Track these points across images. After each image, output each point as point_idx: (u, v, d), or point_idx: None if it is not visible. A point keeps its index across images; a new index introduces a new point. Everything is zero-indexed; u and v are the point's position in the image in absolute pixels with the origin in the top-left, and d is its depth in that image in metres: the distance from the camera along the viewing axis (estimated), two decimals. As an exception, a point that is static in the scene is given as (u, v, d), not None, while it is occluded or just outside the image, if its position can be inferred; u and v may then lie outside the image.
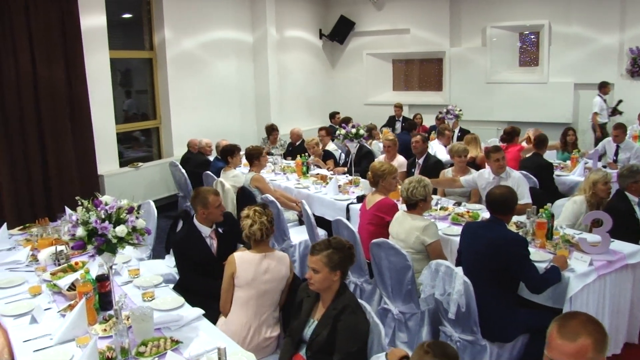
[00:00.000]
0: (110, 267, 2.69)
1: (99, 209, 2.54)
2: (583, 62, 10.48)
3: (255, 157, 6.06)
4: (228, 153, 6.45)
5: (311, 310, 2.94)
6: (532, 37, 11.11)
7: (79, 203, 2.64)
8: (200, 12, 9.07)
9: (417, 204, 4.13)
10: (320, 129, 8.54)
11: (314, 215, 5.23)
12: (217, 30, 9.50)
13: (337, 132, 6.44)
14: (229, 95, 9.94)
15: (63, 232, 4.39)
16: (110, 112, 7.51)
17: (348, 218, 5.54)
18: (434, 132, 9.67)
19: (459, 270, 3.39)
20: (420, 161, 6.36)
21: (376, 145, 8.79)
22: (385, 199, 4.65)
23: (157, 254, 5.32)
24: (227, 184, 6.19)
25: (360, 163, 6.91)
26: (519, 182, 5.23)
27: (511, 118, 11.25)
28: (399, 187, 5.17)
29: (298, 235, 5.63)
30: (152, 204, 5.29)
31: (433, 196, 5.44)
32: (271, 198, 5.51)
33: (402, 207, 4.77)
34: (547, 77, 10.87)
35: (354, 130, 6.19)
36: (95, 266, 3.29)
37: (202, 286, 3.70)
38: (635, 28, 10.04)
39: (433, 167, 6.13)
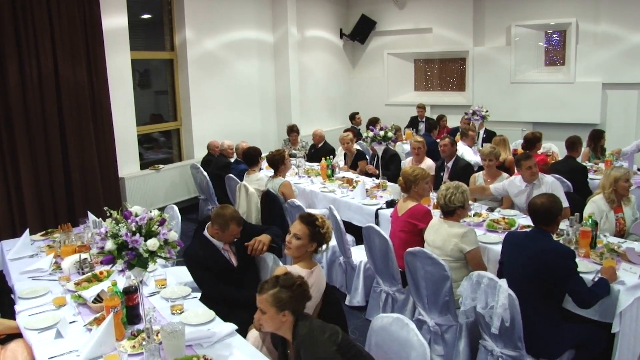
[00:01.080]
0: (141, 282, 2.55)
1: (129, 220, 2.39)
2: (611, 61, 10.18)
3: (279, 162, 5.88)
4: (259, 155, 6.33)
5: (286, 355, 2.71)
6: (558, 36, 10.83)
7: (108, 214, 2.49)
8: (221, 12, 8.94)
9: (454, 211, 3.94)
10: (347, 130, 8.36)
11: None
12: (238, 30, 9.36)
13: (365, 134, 6.25)
14: (249, 96, 9.81)
15: (86, 238, 4.28)
16: (131, 114, 7.40)
17: (377, 223, 5.36)
18: (458, 133, 9.46)
19: (503, 282, 3.21)
20: (449, 164, 6.17)
21: (399, 147, 8.60)
22: (418, 205, 4.47)
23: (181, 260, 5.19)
24: (251, 188, 6.05)
25: (388, 167, 6.74)
26: (553, 187, 5.05)
27: (536, 119, 11.04)
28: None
29: (325, 241, 5.46)
30: (176, 208, 5.18)
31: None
32: (297, 203, 5.36)
33: (434, 212, 4.61)
34: (573, 77, 10.58)
35: (382, 133, 6.01)
36: (122, 277, 3.14)
37: (227, 295, 3.55)
38: (667, 26, 9.75)
39: (463, 170, 5.93)
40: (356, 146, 8.29)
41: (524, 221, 4.72)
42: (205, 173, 7.38)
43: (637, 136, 10.13)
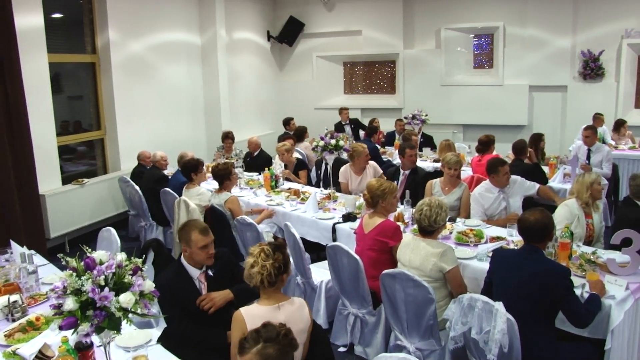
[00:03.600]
0: (108, 343, 2.07)
1: (94, 271, 1.90)
2: (537, 64, 10.49)
3: (225, 176, 5.42)
4: (192, 169, 5.79)
5: None
6: (486, 39, 11.00)
7: (64, 262, 1.99)
8: (147, 12, 8.29)
9: (436, 230, 3.69)
10: (287, 137, 7.97)
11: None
12: (164, 32, 8.74)
13: (315, 143, 5.91)
14: (178, 102, 9.20)
15: (13, 275, 3.66)
16: (50, 123, 6.64)
17: (334, 239, 5.06)
18: (397, 138, 9.34)
19: (500, 306, 2.98)
20: (407, 172, 5.92)
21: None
22: (386, 221, 4.18)
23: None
24: (191, 204, 5.53)
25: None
26: (521, 182, 5.31)
27: (467, 121, 11.20)
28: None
29: (280, 260, 5.07)
30: (114, 231, 4.57)
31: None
32: (249, 220, 4.94)
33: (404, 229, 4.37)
34: (502, 80, 10.81)
35: (333, 142, 5.69)
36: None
37: (196, 336, 3.10)
38: (587, 31, 10.15)
39: (422, 181, 5.68)
40: (297, 155, 7.95)
41: (490, 232, 4.60)
42: (137, 187, 6.74)
43: (562, 137, 10.48)
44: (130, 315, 1.94)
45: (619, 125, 9.13)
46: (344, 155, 6.13)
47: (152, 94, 8.50)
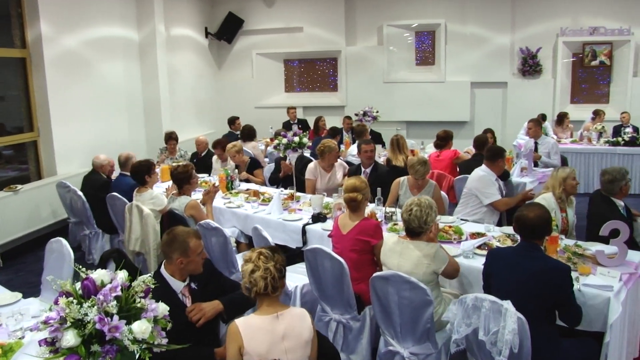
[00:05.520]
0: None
1: (99, 296, 1.56)
2: (478, 61, 10.70)
3: (184, 180, 5.03)
4: (145, 171, 5.35)
5: None
6: (428, 36, 11.07)
7: (54, 286, 1.64)
8: (82, 5, 7.66)
9: (425, 231, 3.51)
10: (220, 141, 7.58)
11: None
12: (100, 26, 8.14)
13: (277, 141, 5.63)
14: (116, 101, 8.62)
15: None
16: (-23, 125, 6.03)
17: (304, 242, 4.82)
18: (346, 136, 9.20)
19: (509, 305, 2.84)
20: (368, 170, 5.75)
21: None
22: (366, 219, 3.99)
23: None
24: (145, 209, 5.11)
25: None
26: None
27: (410, 118, 11.24)
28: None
29: (248, 266, 4.77)
30: (65, 242, 4.08)
31: (393, 209, 4.92)
32: (214, 225, 4.59)
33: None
34: (444, 76, 10.93)
35: (296, 139, 5.44)
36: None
37: (187, 355, 2.78)
38: (524, 29, 10.47)
39: (385, 177, 5.53)
40: (251, 151, 7.65)
41: (467, 227, 4.53)
42: (80, 193, 6.19)
43: (503, 132, 10.67)
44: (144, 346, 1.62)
45: (562, 117, 9.41)
46: (307, 153, 5.89)
47: (88, 93, 7.91)
